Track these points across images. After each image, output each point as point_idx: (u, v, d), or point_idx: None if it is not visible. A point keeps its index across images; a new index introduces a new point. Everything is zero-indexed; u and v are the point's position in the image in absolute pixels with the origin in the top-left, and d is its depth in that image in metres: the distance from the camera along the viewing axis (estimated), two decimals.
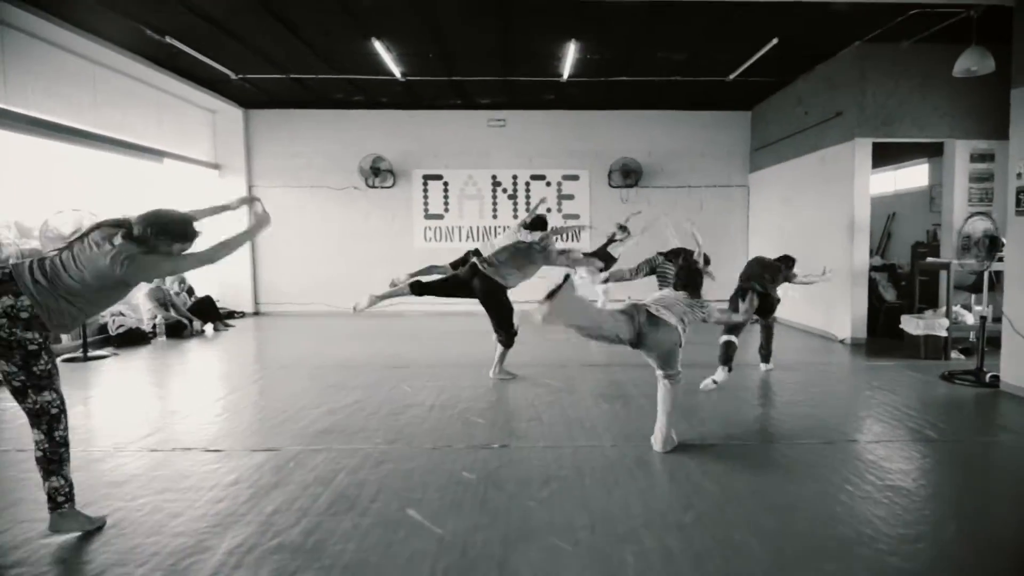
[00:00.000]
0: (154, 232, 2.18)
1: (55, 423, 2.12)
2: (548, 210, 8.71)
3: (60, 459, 2.15)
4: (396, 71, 6.76)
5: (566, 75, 6.95)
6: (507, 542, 2.17)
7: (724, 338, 4.47)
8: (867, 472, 2.81)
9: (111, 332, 6.23)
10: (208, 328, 7.19)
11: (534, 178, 8.94)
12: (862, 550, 2.13)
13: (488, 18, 5.42)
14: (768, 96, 8.08)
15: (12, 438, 3.31)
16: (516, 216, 8.94)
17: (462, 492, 2.58)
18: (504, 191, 8.96)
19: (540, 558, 2.07)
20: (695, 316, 3.06)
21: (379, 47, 6.01)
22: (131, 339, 6.32)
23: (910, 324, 5.57)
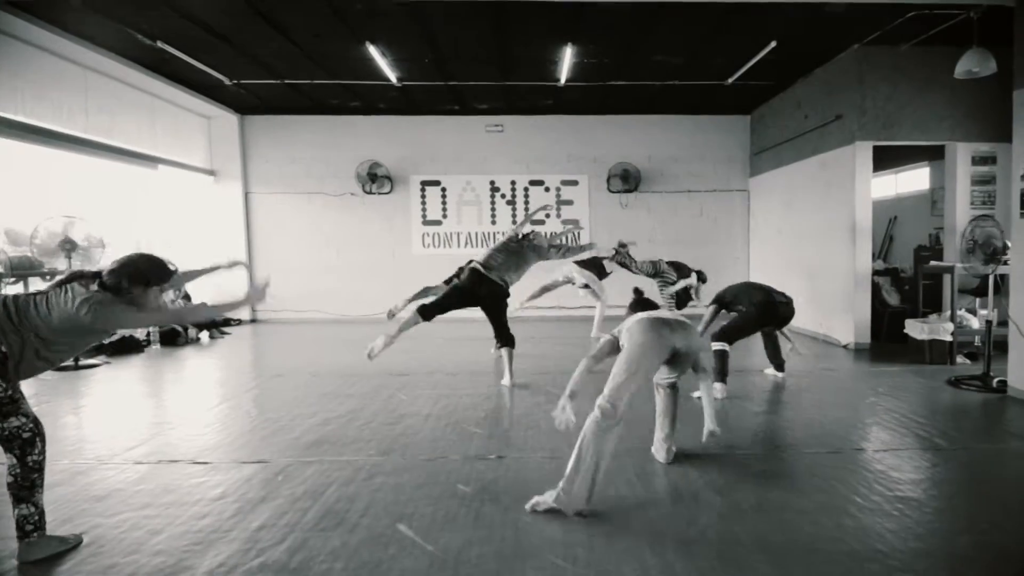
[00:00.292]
0: (128, 279, 2.17)
1: (28, 447, 2.06)
2: (547, 215, 8.67)
3: (32, 485, 2.08)
4: (392, 76, 6.71)
5: (564, 80, 6.89)
6: (502, 559, 2.08)
7: (716, 346, 4.35)
8: (876, 483, 2.72)
9: (104, 340, 6.14)
10: (203, 336, 7.10)
11: (533, 183, 8.88)
12: (873, 567, 2.03)
13: (483, 21, 5.37)
14: (767, 100, 8.03)
15: None
16: (515, 222, 8.88)
17: (456, 506, 2.49)
18: (503, 196, 8.89)
19: None
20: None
21: (374, 51, 5.95)
22: (124, 347, 6.24)
23: (914, 329, 5.49)
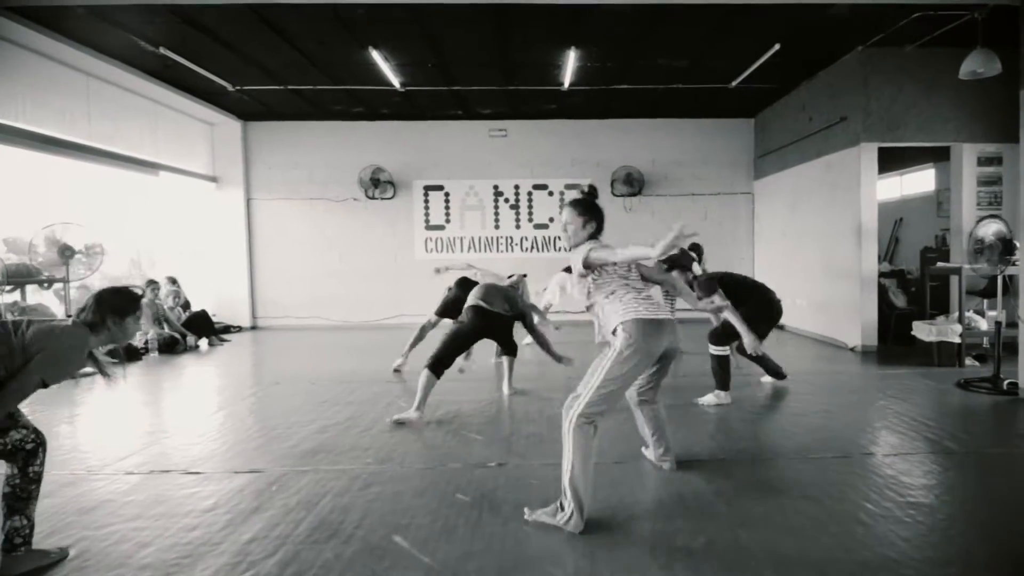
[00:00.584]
0: (111, 313, 2.12)
1: (31, 458, 2.04)
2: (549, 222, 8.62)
3: (28, 496, 2.05)
4: (395, 81, 6.69)
5: (567, 84, 6.86)
6: (501, 571, 2.00)
7: (715, 351, 4.14)
8: (887, 488, 2.64)
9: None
10: (203, 343, 7.07)
11: (536, 188, 8.84)
12: None
13: (486, 26, 5.34)
14: (771, 103, 7.97)
15: None
16: (519, 227, 8.85)
17: (454, 516, 2.42)
18: (506, 201, 8.85)
19: None
20: None
21: (377, 57, 5.94)
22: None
23: (922, 331, 5.40)
